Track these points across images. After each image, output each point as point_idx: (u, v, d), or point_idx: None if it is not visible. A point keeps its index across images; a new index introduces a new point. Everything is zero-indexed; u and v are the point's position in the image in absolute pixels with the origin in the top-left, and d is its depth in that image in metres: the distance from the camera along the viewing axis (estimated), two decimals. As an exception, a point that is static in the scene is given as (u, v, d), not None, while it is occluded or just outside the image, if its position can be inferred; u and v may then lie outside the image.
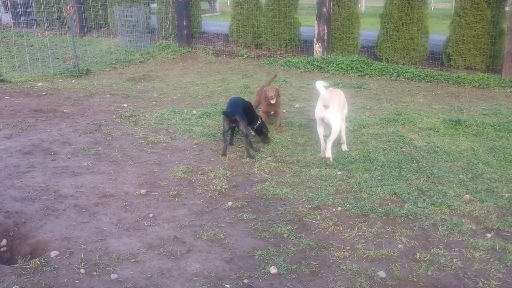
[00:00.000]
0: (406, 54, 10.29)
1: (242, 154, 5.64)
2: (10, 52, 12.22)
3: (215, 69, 10.71)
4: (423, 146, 5.88)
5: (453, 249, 3.69)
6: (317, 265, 3.50)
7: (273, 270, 3.42)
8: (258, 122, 5.85)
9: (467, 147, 5.82)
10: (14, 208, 4.25)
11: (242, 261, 3.55)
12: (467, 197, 4.51)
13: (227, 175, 5.03)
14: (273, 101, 6.17)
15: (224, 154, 5.56)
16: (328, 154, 5.31)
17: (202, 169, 5.19)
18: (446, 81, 9.33)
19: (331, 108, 5.31)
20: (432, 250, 3.68)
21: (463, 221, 4.09)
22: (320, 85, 5.18)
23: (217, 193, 4.63)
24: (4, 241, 3.80)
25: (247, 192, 4.68)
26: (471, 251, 3.66)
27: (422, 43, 10.26)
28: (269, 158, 5.49)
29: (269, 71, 10.37)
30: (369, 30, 12.03)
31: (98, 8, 14.75)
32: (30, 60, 10.67)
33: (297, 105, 7.77)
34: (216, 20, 18.15)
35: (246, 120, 5.57)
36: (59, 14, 14.90)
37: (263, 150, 5.71)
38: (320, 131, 5.51)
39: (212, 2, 23.45)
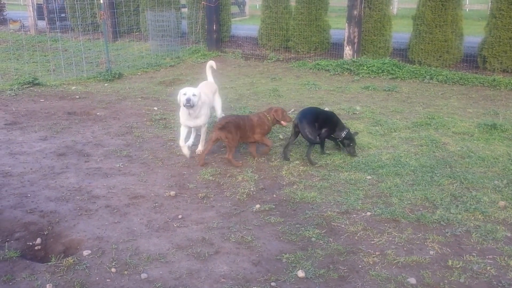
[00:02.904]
0: (440, 57, 10.08)
1: (270, 157, 5.63)
2: (45, 56, 12.62)
3: (244, 73, 10.76)
4: (457, 150, 5.73)
5: (487, 257, 3.58)
6: (345, 270, 3.46)
7: (300, 274, 3.40)
8: (344, 133, 5.55)
9: (502, 152, 5.64)
10: (48, 207, 4.38)
11: (270, 264, 3.54)
12: (502, 203, 4.37)
13: (255, 178, 5.04)
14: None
15: (285, 158, 5.52)
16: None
17: (230, 171, 5.22)
18: (481, 84, 9.08)
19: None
20: (464, 257, 3.58)
21: (498, 228, 3.96)
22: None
23: (245, 196, 4.65)
24: (38, 240, 3.92)
25: (275, 195, 4.68)
26: (506, 258, 3.54)
27: (456, 45, 10.03)
28: (297, 162, 5.47)
29: (298, 74, 10.35)
30: (401, 32, 11.85)
31: (131, 13, 15.07)
32: (65, 64, 10.99)
33: (326, 109, 7.71)
34: (246, 24, 18.25)
35: (311, 128, 5.36)
36: (92, 19, 15.30)
37: (316, 161, 5.47)
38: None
39: (241, 6, 23.59)
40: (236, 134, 5.33)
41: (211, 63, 6.68)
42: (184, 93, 5.41)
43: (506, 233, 3.90)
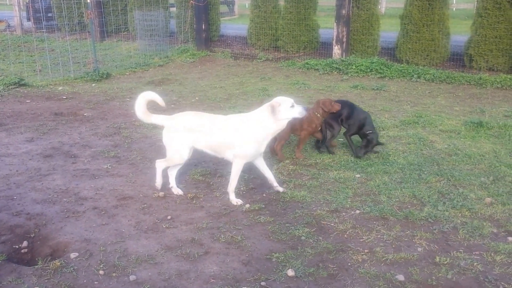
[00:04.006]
0: (427, 56, 10.15)
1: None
2: (31, 56, 12.48)
3: (234, 72, 10.74)
4: (444, 148, 5.79)
5: (474, 253, 3.62)
6: (335, 268, 3.47)
7: (290, 272, 3.40)
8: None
9: (488, 150, 5.71)
10: (35, 210, 4.33)
11: (260, 263, 3.54)
12: (488, 200, 4.42)
13: (245, 177, 5.03)
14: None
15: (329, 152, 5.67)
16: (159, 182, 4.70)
17: (220, 171, 5.21)
18: (468, 83, 9.17)
19: (168, 128, 4.54)
20: (452, 254, 3.61)
21: (484, 224, 4.00)
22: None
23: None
24: (25, 243, 3.87)
25: (264, 195, 4.68)
26: (492, 254, 3.59)
27: (443, 44, 10.11)
28: (287, 161, 5.47)
29: (287, 74, 10.36)
30: (389, 31, 11.92)
31: (118, 13, 14.97)
32: (51, 64, 10.88)
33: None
34: (235, 23, 18.23)
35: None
36: (79, 19, 15.16)
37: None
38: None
39: (231, 5, 23.56)
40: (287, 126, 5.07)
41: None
42: (292, 105, 4.32)
43: (492, 229, 3.94)
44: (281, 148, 5.49)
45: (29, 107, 7.86)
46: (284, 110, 4.30)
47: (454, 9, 19.56)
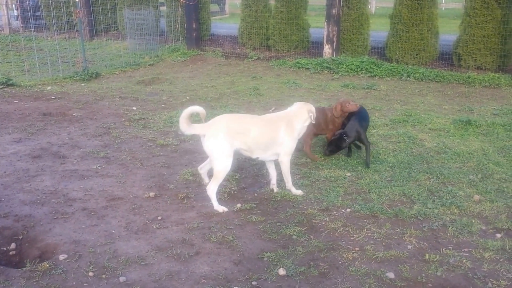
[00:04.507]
0: (416, 55, 10.21)
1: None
2: (19, 56, 12.36)
3: (225, 71, 10.72)
4: (433, 146, 5.83)
5: (463, 250, 3.65)
6: (326, 267, 3.47)
7: (281, 272, 3.40)
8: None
9: (477, 148, 5.76)
10: (23, 211, 4.29)
11: (251, 263, 3.54)
12: (477, 197, 4.46)
13: (236, 177, 5.03)
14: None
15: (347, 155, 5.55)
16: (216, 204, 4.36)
17: (210, 172, 5.18)
18: (457, 81, 9.24)
19: (208, 137, 4.34)
20: (441, 251, 3.64)
21: (473, 221, 4.04)
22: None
23: (226, 195, 4.63)
24: (13, 245, 3.83)
25: (256, 194, 4.67)
26: (481, 251, 3.62)
27: (432, 44, 10.18)
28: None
29: (278, 73, 10.36)
30: (379, 31, 11.97)
31: (108, 12, 14.87)
32: (40, 64, 10.78)
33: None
34: (226, 23, 18.19)
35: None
36: (68, 17, 15.04)
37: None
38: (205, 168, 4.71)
39: (221, 4, 23.51)
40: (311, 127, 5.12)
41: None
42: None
43: (481, 226, 3.98)
44: (310, 149, 5.48)
45: (17, 107, 7.77)
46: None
47: (443, 9, 19.71)
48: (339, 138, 5.28)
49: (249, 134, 4.37)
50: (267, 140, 4.44)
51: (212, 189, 4.35)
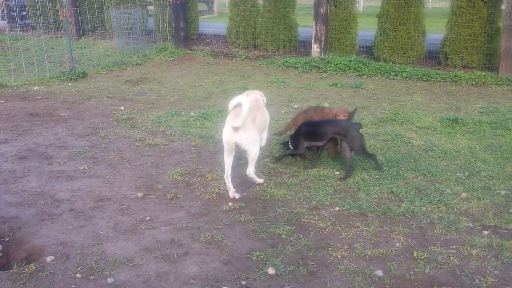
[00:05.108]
0: (404, 54, 10.28)
1: (239, 156, 5.61)
2: (5, 56, 12.20)
3: (213, 71, 10.70)
4: (421, 145, 5.87)
5: (450, 247, 3.68)
6: (315, 265, 3.48)
7: (271, 271, 3.40)
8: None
9: (464, 145, 5.81)
10: (9, 213, 4.23)
11: (240, 262, 3.53)
12: (464, 195, 4.50)
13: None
14: None
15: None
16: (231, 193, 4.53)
17: (200, 171, 5.18)
18: (444, 80, 9.32)
19: (242, 131, 4.38)
20: (429, 248, 3.67)
21: (460, 219, 4.08)
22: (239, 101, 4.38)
23: (215, 195, 4.62)
24: (-1, 247, 3.78)
25: (245, 194, 4.67)
26: (468, 248, 3.65)
27: (419, 42, 10.25)
28: (267, 159, 5.47)
29: (267, 72, 10.37)
30: (367, 30, 12.03)
31: (95, 11, 14.74)
32: (26, 64, 10.65)
33: (295, 106, 7.76)
34: (214, 22, 18.14)
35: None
36: (55, 17, 14.88)
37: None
38: (228, 161, 4.54)
39: (209, 3, 23.45)
40: None
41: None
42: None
43: (468, 224, 4.02)
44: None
45: (3, 107, 7.67)
46: None
47: (430, 8, 19.88)
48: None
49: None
50: (264, 123, 4.91)
51: (253, 171, 4.63)
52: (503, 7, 9.25)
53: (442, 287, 3.22)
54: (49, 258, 3.55)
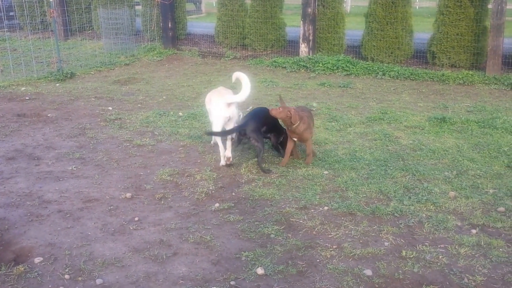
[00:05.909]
0: (391, 53, 10.35)
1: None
2: (-8, 56, 12.05)
3: (201, 71, 10.67)
4: (409, 144, 5.92)
5: (439, 246, 3.71)
6: (304, 265, 3.49)
7: (260, 271, 3.40)
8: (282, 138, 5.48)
9: (452, 144, 5.87)
10: (-4, 214, 4.19)
11: (229, 262, 3.53)
12: (452, 193, 4.55)
13: (214, 176, 5.01)
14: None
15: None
16: (229, 153, 5.23)
17: (189, 171, 5.16)
18: (431, 79, 9.40)
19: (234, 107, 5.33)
20: (418, 247, 3.69)
21: (449, 217, 4.11)
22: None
23: (203, 195, 4.61)
24: (-14, 249, 3.73)
25: (234, 194, 4.66)
26: (457, 247, 3.68)
27: (406, 42, 10.32)
28: (256, 159, 5.47)
29: (255, 72, 10.36)
30: (354, 29, 12.08)
31: (82, 11, 14.61)
32: (13, 64, 10.53)
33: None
34: (202, 22, 18.09)
35: (260, 134, 5.14)
36: (42, 17, 14.72)
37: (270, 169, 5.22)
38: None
39: (197, 3, 23.37)
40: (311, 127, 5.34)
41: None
42: None
43: (457, 222, 4.05)
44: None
45: (-11, 108, 7.58)
46: None
47: (417, 7, 20.02)
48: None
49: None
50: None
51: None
52: (490, 6, 9.34)
53: (431, 286, 3.24)
54: (37, 260, 3.52)
